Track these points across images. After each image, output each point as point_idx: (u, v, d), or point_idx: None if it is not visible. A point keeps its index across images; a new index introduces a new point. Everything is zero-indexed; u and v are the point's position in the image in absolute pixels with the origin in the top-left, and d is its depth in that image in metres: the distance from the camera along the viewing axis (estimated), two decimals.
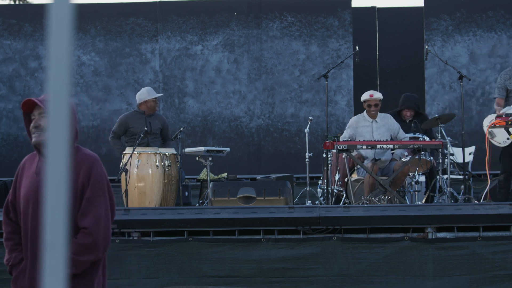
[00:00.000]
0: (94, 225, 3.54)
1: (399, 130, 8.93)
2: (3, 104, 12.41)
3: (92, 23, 12.43)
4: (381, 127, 8.89)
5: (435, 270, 6.70)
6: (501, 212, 6.89)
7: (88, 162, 3.59)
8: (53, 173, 1.67)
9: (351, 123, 8.98)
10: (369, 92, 9.02)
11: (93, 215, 3.55)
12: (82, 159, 3.58)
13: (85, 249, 3.55)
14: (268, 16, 12.39)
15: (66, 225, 1.69)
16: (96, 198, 3.56)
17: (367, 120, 8.93)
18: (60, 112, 1.67)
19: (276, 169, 11.48)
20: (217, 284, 6.72)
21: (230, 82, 12.34)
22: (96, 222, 3.55)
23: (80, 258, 3.54)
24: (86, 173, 3.56)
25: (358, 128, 8.89)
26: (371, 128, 8.89)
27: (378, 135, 8.82)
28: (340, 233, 6.82)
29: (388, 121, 8.97)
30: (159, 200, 8.46)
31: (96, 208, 3.56)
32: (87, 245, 3.54)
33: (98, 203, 3.56)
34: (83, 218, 3.55)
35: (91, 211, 3.55)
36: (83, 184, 3.55)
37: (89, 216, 3.54)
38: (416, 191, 8.77)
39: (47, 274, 1.67)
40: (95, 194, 3.56)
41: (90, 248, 3.55)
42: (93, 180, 3.56)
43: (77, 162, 3.57)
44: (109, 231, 3.62)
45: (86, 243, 3.54)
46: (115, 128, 9.15)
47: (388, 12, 12.95)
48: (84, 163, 3.58)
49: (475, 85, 12.05)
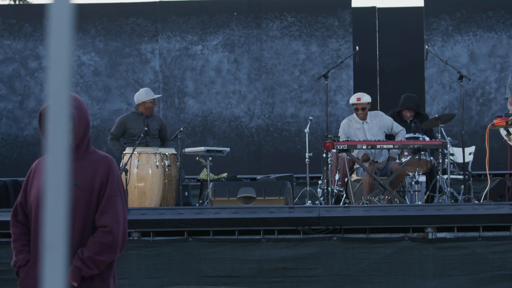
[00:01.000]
0: (114, 224, 3.53)
1: (392, 124, 8.93)
2: (3, 104, 12.41)
3: (92, 23, 12.44)
4: (373, 126, 8.89)
5: (435, 270, 6.70)
6: (501, 212, 6.89)
7: (105, 161, 3.60)
8: (53, 173, 1.67)
9: (343, 127, 8.96)
10: (356, 95, 8.99)
11: (112, 214, 3.54)
12: (98, 159, 3.60)
13: (106, 248, 3.52)
14: (268, 16, 12.39)
15: (66, 225, 1.68)
16: (115, 197, 3.56)
17: (358, 122, 8.93)
18: (60, 112, 1.67)
19: (276, 169, 11.48)
20: (217, 284, 6.72)
21: (230, 82, 12.34)
22: (116, 220, 3.54)
23: (100, 257, 3.52)
24: (104, 172, 3.56)
25: (351, 131, 8.89)
26: (363, 129, 8.89)
27: (371, 135, 8.82)
28: (340, 233, 6.82)
29: (379, 118, 8.95)
30: (159, 200, 8.46)
31: (115, 206, 3.55)
32: (107, 243, 3.52)
33: (117, 202, 3.56)
34: (103, 216, 3.54)
35: (111, 210, 3.54)
36: (102, 183, 3.55)
37: (109, 214, 3.53)
38: (416, 191, 8.77)
39: (47, 274, 1.67)
40: (114, 193, 3.56)
41: (110, 247, 3.53)
42: (112, 180, 3.56)
43: (94, 161, 3.58)
44: (127, 230, 3.62)
45: (106, 242, 3.52)
46: (113, 130, 9.15)
47: (388, 12, 12.95)
48: (101, 163, 3.58)
49: (475, 85, 12.05)
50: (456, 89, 12.01)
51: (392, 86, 12.45)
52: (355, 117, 8.95)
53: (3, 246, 6.68)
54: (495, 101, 12.01)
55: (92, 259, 3.49)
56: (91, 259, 3.49)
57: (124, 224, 3.59)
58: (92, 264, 3.50)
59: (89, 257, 3.50)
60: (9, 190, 9.69)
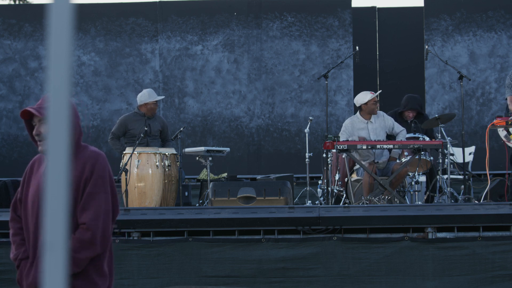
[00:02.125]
0: (92, 220, 3.50)
1: (393, 124, 8.95)
2: (3, 104, 12.41)
3: (92, 23, 12.43)
4: (377, 127, 8.90)
5: (435, 270, 6.70)
6: (501, 212, 6.89)
7: (92, 158, 3.56)
8: (53, 173, 1.67)
9: (346, 126, 8.95)
10: (365, 92, 9.03)
11: (92, 211, 3.51)
12: (87, 156, 3.57)
13: (83, 244, 3.50)
14: (268, 16, 12.39)
15: (66, 225, 1.69)
16: (97, 193, 3.53)
17: (362, 122, 8.93)
18: (60, 112, 1.67)
19: (276, 169, 11.48)
20: (217, 284, 6.72)
21: (230, 82, 12.34)
22: (95, 217, 3.51)
23: (78, 255, 3.50)
24: (89, 169, 3.54)
25: (354, 130, 8.88)
26: (367, 129, 8.90)
27: (375, 136, 8.83)
28: (340, 233, 6.82)
29: (382, 119, 8.98)
30: (159, 200, 8.46)
31: (96, 203, 3.52)
32: (84, 240, 3.50)
33: (98, 199, 3.53)
34: (82, 214, 3.52)
35: (91, 207, 3.51)
36: (86, 179, 3.53)
37: (88, 211, 3.51)
38: (416, 191, 8.77)
39: (47, 274, 1.67)
40: (96, 190, 3.53)
41: (87, 244, 3.51)
42: (95, 176, 3.53)
43: (83, 159, 3.56)
44: (109, 227, 3.58)
45: (83, 239, 3.50)
46: (114, 129, 9.15)
47: (388, 12, 12.95)
48: (88, 160, 3.56)
49: (475, 85, 12.05)
50: (456, 89, 12.01)
51: (392, 86, 12.45)
52: (359, 116, 8.95)
53: (3, 246, 6.68)
54: (495, 101, 12.02)
55: (70, 257, 3.45)
56: (70, 257, 3.45)
57: (106, 220, 3.54)
58: (70, 263, 3.46)
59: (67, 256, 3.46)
60: (9, 190, 9.69)
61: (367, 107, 8.92)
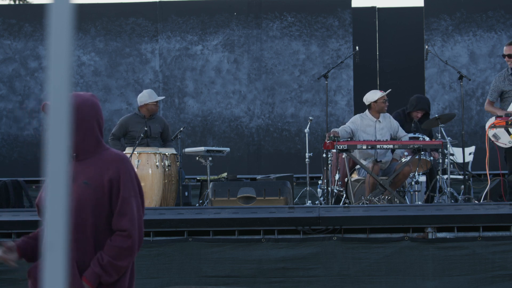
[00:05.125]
0: (132, 227, 3.40)
1: (398, 128, 8.97)
2: (3, 104, 12.41)
3: (92, 23, 12.44)
4: (384, 127, 8.92)
5: (435, 270, 6.70)
6: (501, 212, 6.89)
7: (117, 161, 3.44)
8: (53, 173, 1.67)
9: (355, 120, 8.96)
10: (375, 90, 9.09)
11: (130, 217, 3.40)
12: (109, 158, 3.45)
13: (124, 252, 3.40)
14: (268, 16, 12.39)
15: (66, 225, 1.69)
16: (130, 198, 3.41)
17: (371, 120, 8.94)
18: (60, 112, 1.67)
19: (276, 169, 11.48)
20: (217, 284, 6.72)
21: (230, 82, 12.34)
22: (133, 223, 3.41)
23: (119, 263, 3.39)
24: (115, 171, 3.41)
25: (362, 126, 8.88)
26: (375, 128, 8.90)
27: (380, 136, 8.84)
28: (340, 233, 6.82)
29: (388, 120, 9.00)
30: (159, 200, 8.46)
31: (131, 208, 3.41)
32: (126, 248, 3.39)
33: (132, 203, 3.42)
34: (120, 219, 3.40)
35: (128, 212, 3.40)
36: (111, 182, 3.40)
37: (127, 217, 3.40)
38: (416, 191, 8.77)
39: (47, 274, 1.67)
40: (129, 194, 3.41)
41: (129, 251, 3.40)
42: (125, 180, 3.42)
43: (104, 160, 3.44)
44: (143, 232, 3.49)
45: (125, 247, 3.39)
46: (115, 130, 9.15)
47: (388, 12, 12.95)
48: (111, 162, 3.44)
49: (475, 85, 12.06)
50: (456, 89, 12.02)
51: (392, 86, 12.42)
52: (368, 114, 8.96)
53: None
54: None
55: (111, 265, 3.37)
56: (111, 265, 3.37)
57: (140, 225, 3.46)
58: (112, 271, 3.38)
59: (108, 263, 3.37)
60: (9, 190, 9.70)
61: (376, 105, 8.92)
